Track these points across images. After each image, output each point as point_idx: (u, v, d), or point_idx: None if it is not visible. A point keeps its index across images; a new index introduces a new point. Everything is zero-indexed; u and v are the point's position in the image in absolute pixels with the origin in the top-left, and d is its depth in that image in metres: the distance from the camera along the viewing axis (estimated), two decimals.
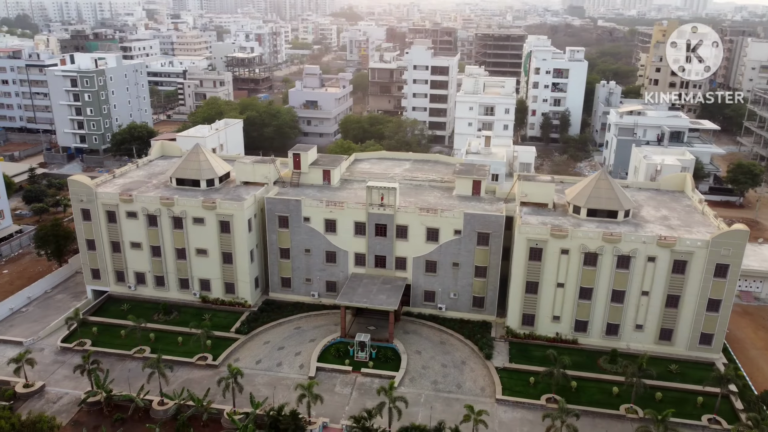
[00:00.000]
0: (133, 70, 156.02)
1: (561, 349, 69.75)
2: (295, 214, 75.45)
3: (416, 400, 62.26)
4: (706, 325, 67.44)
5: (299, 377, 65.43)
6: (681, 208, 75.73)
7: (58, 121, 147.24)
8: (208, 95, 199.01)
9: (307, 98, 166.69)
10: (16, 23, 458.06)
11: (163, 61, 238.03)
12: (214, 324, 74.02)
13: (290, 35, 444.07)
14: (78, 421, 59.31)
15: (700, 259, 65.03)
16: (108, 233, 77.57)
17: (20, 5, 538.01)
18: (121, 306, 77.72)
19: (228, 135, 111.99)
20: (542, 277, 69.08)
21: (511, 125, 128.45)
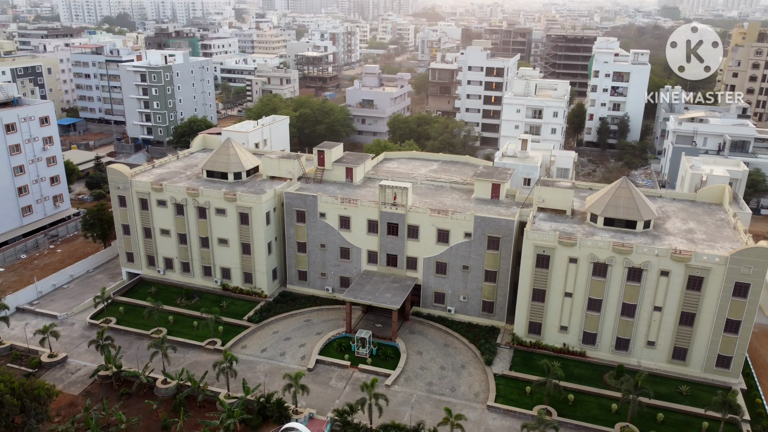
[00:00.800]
0: (199, 67, 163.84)
1: (568, 360, 67.99)
2: (311, 210, 77.32)
3: (407, 400, 62.48)
4: (724, 346, 63.42)
5: (299, 368, 67.17)
6: (712, 222, 71.47)
7: (128, 114, 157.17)
8: (273, 92, 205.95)
9: (363, 97, 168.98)
10: (117, 21, 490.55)
11: (237, 58, 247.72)
12: (230, 311, 77.30)
13: (368, 35, 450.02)
14: (89, 392, 63.77)
15: (717, 276, 61.28)
16: (141, 219, 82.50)
17: (122, 4, 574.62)
18: (150, 289, 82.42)
19: (273, 131, 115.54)
20: (549, 286, 67.32)
21: (559, 129, 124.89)
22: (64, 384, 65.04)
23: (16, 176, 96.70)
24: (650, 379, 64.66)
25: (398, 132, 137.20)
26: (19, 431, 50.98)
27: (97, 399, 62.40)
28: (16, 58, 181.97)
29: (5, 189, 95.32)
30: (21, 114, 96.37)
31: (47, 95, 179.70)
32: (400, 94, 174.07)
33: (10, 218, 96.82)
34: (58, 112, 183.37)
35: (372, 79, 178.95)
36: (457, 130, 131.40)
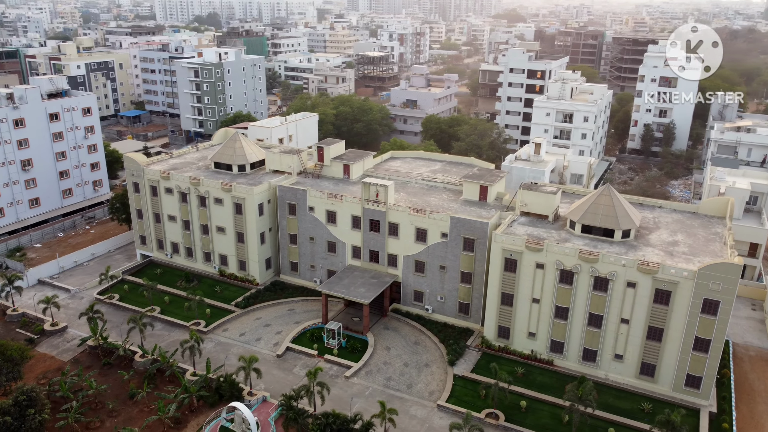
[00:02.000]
0: (251, 65, 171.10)
1: (534, 368, 67.11)
2: (301, 203, 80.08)
3: (361, 392, 63.90)
4: (693, 366, 60.46)
5: (269, 353, 70.12)
6: (704, 236, 68.04)
7: (182, 107, 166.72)
8: (328, 90, 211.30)
9: (408, 97, 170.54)
10: (206, 20, 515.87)
11: (301, 57, 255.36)
12: (223, 296, 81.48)
13: (443, 36, 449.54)
14: (77, 360, 69.54)
15: (685, 291, 58.59)
16: (152, 205, 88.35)
17: (212, 4, 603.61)
18: (156, 270, 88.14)
19: (299, 127, 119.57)
20: (517, 291, 66.58)
21: (590, 134, 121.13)
22: (58, 351, 71.28)
23: (58, 161, 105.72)
24: (616, 394, 63.10)
25: (429, 132, 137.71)
26: None
27: (84, 366, 67.99)
28: (93, 53, 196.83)
29: (48, 172, 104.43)
30: (64, 104, 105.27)
31: (117, 88, 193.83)
32: (444, 95, 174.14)
33: (51, 199, 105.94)
34: (127, 105, 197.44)
35: (419, 80, 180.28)
36: (494, 132, 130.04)
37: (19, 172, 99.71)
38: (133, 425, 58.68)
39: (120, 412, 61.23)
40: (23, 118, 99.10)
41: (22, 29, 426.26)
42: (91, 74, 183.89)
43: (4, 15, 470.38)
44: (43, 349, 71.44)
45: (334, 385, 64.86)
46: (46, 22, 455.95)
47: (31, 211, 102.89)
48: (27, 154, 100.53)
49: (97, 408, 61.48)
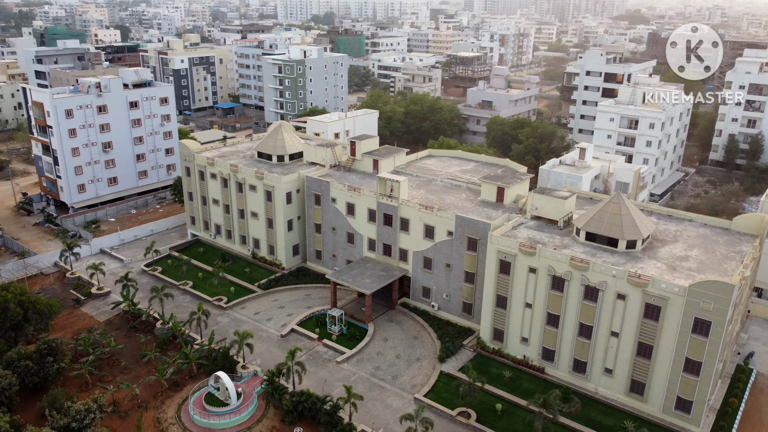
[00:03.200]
0: (333, 62, 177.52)
1: (524, 374, 66.15)
2: (325, 194, 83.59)
3: (347, 378, 66.26)
4: (683, 388, 56.98)
5: (274, 333, 74.35)
6: (723, 253, 63.54)
7: (266, 101, 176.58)
8: (413, 89, 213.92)
9: (483, 98, 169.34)
10: (323, 19, 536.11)
11: (396, 57, 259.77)
12: (251, 277, 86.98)
13: (553, 37, 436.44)
14: (110, 321, 77.62)
15: (676, 308, 55.41)
16: (200, 189, 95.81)
17: (329, 4, 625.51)
18: (199, 249, 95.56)
19: (358, 123, 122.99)
20: (511, 294, 65.83)
21: (655, 142, 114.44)
22: (97, 312, 79.90)
23: (135, 145, 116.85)
24: (603, 409, 61.02)
25: (492, 134, 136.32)
26: (20, 337, 65.48)
27: (113, 328, 76.02)
28: (198, 49, 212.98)
29: (126, 155, 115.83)
30: (144, 94, 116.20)
31: (217, 82, 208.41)
32: (522, 96, 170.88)
33: (128, 179, 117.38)
34: (224, 97, 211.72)
35: (499, 81, 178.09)
36: (556, 136, 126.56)
37: (100, 153, 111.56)
38: (137, 382, 65.03)
39: (131, 370, 67.90)
40: (106, 105, 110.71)
41: (156, 26, 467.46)
42: (192, 68, 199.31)
43: (144, 13, 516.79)
44: (86, 309, 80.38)
45: (324, 368, 67.94)
46: (178, 19, 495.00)
47: (109, 189, 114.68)
48: (108, 137, 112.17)
49: (112, 364, 68.64)
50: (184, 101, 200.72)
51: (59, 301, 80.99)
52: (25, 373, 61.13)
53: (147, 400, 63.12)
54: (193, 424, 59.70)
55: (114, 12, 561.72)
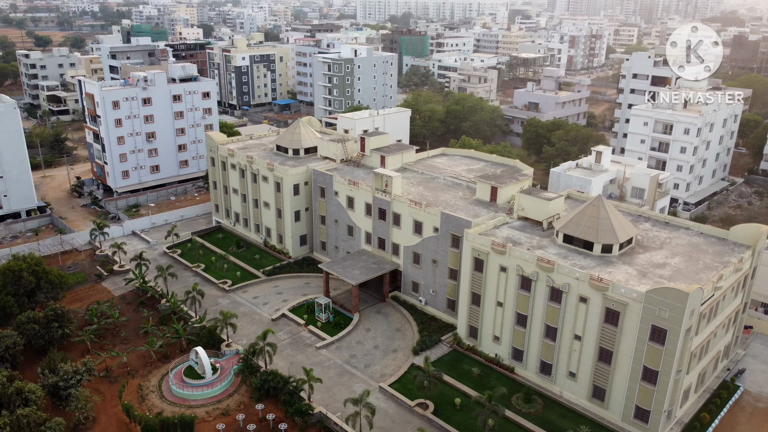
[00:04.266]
0: (382, 61, 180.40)
1: (494, 372, 66.47)
2: (329, 187, 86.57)
3: (321, 363, 68.90)
4: (641, 397, 55.64)
5: (266, 316, 78.12)
6: (707, 262, 61.24)
7: (316, 97, 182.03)
8: (468, 90, 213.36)
9: (529, 99, 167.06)
10: (400, 20, 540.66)
11: (457, 57, 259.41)
12: (260, 264, 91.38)
13: (634, 39, 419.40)
14: (124, 296, 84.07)
15: (634, 314, 54.29)
16: (222, 178, 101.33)
17: (408, 4, 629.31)
18: (219, 235, 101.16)
19: (387, 120, 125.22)
20: (484, 292, 66.20)
21: (690, 148, 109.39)
22: (114, 287, 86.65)
23: (177, 136, 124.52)
24: (564, 413, 60.57)
25: (526, 135, 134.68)
26: (32, 303, 72.53)
27: (126, 302, 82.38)
28: (261, 47, 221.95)
29: (168, 145, 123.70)
30: (186, 88, 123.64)
31: (276, 79, 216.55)
32: (571, 99, 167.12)
33: (170, 168, 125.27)
34: (283, 94, 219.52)
35: (549, 83, 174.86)
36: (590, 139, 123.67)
37: (144, 142, 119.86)
38: (133, 352, 70.50)
39: (129, 341, 73.58)
40: (150, 98, 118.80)
41: (239, 25, 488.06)
42: (253, 65, 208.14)
43: (228, 12, 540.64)
44: (106, 284, 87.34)
45: (303, 352, 70.98)
46: (260, 19, 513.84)
47: (151, 176, 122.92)
48: (152, 127, 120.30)
49: (114, 334, 74.63)
50: (244, 97, 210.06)
51: (84, 274, 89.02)
52: (32, 336, 67.85)
53: (137, 369, 68.39)
54: (170, 394, 64.23)
55: (203, 12, 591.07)
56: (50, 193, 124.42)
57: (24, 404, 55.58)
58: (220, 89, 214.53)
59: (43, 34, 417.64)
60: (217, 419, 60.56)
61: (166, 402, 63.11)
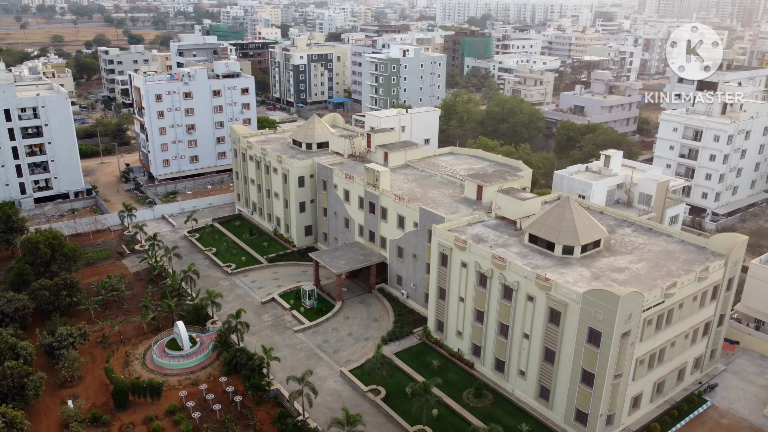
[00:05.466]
0: (430, 62, 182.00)
1: (454, 366, 67.51)
2: (330, 180, 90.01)
3: (294, 345, 72.49)
4: (580, 399, 55.27)
5: (257, 299, 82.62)
6: (672, 269, 59.67)
7: (363, 96, 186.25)
8: (522, 92, 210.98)
9: (575, 103, 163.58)
10: (478, 22, 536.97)
11: (519, 59, 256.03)
12: (266, 251, 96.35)
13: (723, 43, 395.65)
14: (138, 273, 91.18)
15: (573, 315, 54.12)
16: (243, 169, 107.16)
17: (488, 6, 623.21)
18: (236, 222, 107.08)
19: (415, 119, 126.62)
20: (448, 287, 67.40)
21: (720, 156, 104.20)
22: (132, 264, 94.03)
23: (216, 129, 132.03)
24: (512, 410, 61.06)
25: (558, 138, 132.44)
26: (47, 273, 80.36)
27: (138, 278, 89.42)
28: (321, 46, 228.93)
29: (208, 137, 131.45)
30: (226, 84, 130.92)
31: (333, 78, 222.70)
32: (618, 103, 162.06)
33: (209, 158, 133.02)
34: (340, 93, 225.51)
35: (599, 86, 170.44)
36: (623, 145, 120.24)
37: (184, 133, 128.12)
38: (129, 323, 76.92)
39: (131, 312, 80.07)
40: (191, 92, 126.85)
41: (318, 26, 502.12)
42: (311, 64, 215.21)
43: (308, 13, 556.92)
44: (125, 262, 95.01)
45: (281, 334, 74.89)
46: (340, 20, 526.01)
47: (191, 166, 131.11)
48: (192, 120, 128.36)
49: (118, 306, 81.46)
50: (300, 94, 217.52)
51: (108, 251, 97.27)
52: (42, 301, 75.59)
53: (129, 338, 74.64)
54: (151, 362, 69.79)
55: (288, 12, 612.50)
56: (102, 178, 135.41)
57: (15, 358, 62.48)
58: (280, 87, 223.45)
59: (137, 32, 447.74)
60: (185, 388, 65.39)
61: (146, 369, 68.68)
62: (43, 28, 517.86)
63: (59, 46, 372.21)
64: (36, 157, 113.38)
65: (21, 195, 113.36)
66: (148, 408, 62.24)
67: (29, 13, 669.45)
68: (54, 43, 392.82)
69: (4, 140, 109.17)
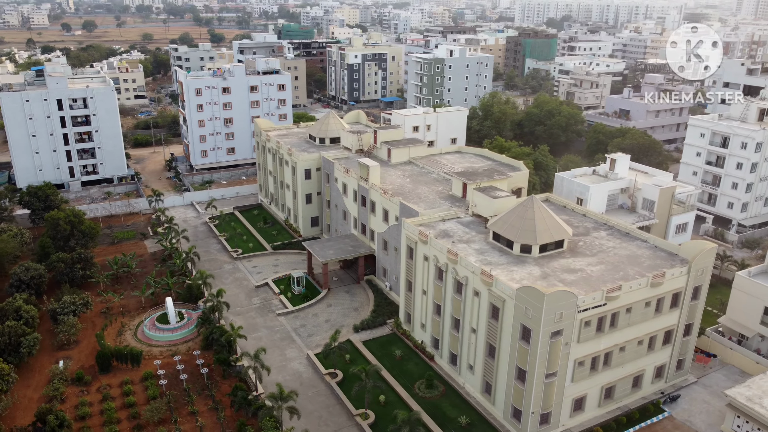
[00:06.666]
0: (476, 62, 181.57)
1: (417, 358, 69.12)
2: (332, 174, 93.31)
3: (273, 326, 76.37)
4: (515, 396, 55.60)
5: (252, 283, 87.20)
6: (630, 273, 58.66)
7: (408, 95, 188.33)
8: (576, 94, 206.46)
9: (620, 106, 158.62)
10: (556, 23, 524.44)
11: (578, 61, 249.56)
12: (276, 238, 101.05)
13: None
14: (154, 253, 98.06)
15: (510, 311, 54.60)
16: (262, 161, 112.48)
17: (569, 7, 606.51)
18: (254, 211, 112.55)
19: (442, 119, 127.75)
20: (414, 279, 68.98)
21: (747, 164, 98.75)
22: (151, 245, 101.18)
23: (252, 123, 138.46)
24: (459, 403, 62.01)
25: (588, 141, 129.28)
26: (67, 248, 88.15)
27: (154, 258, 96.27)
28: (376, 46, 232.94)
29: (244, 131, 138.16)
30: (263, 80, 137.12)
31: (387, 77, 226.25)
32: (667, 107, 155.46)
33: (245, 151, 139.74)
34: (393, 92, 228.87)
35: (649, 89, 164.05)
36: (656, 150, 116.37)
37: (221, 126, 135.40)
38: (132, 297, 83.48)
39: (138, 288, 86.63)
40: (229, 87, 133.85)
41: (393, 27, 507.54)
42: (365, 63, 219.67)
43: (384, 14, 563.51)
44: (147, 242, 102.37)
45: (264, 316, 79.02)
46: (416, 21, 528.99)
47: (227, 157, 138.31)
48: (229, 113, 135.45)
49: (127, 281, 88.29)
50: (354, 93, 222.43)
51: (135, 232, 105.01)
52: (58, 272, 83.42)
53: (129, 311, 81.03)
54: (142, 333, 75.63)
55: (367, 13, 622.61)
56: (150, 166, 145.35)
57: (18, 320, 69.78)
58: (335, 85, 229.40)
59: (219, 31, 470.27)
60: (165, 358, 70.60)
61: (136, 339, 74.55)
62: (138, 26, 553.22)
63: (147, 43, 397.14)
64: (84, 144, 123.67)
65: (70, 178, 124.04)
66: (127, 373, 67.78)
67: (128, 13, 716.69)
68: (143, 41, 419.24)
69: (57, 127, 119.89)
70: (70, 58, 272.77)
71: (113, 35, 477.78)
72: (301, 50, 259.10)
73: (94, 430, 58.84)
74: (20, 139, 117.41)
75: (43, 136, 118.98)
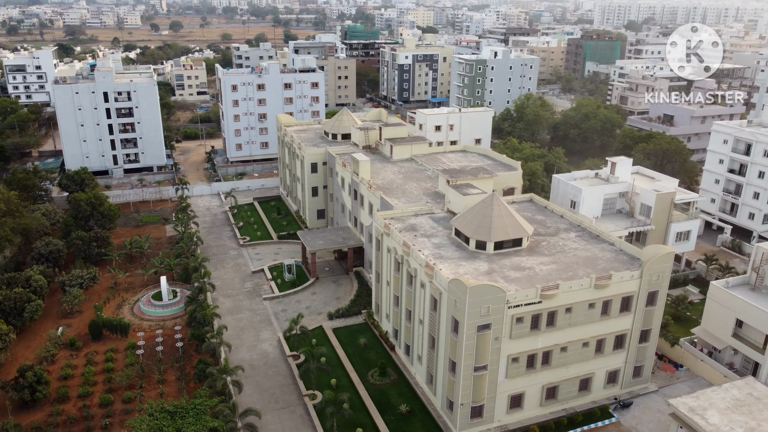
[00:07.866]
0: (520, 64, 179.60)
1: (379, 348, 70.99)
2: (334, 168, 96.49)
3: (256, 309, 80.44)
4: (449, 387, 56.55)
5: (250, 268, 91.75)
6: (580, 274, 58.30)
7: (451, 96, 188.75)
8: (629, 98, 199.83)
9: (664, 111, 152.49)
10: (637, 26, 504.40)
11: (639, 65, 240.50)
12: (285, 228, 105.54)
13: None
14: (171, 237, 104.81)
15: (444, 303, 55.70)
16: (282, 154, 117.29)
17: (652, 9, 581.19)
18: (271, 203, 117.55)
19: (465, 119, 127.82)
20: (381, 271, 70.88)
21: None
22: (170, 229, 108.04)
23: None
24: (407, 393, 63.49)
25: (617, 146, 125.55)
26: (87, 228, 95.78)
27: (172, 241, 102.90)
28: (428, 47, 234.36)
29: (276, 127, 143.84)
30: (297, 78, 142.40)
31: (438, 78, 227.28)
32: (714, 113, 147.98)
33: (276, 145, 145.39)
34: (443, 92, 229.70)
35: (698, 94, 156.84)
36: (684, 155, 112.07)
37: (256, 121, 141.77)
38: (137, 275, 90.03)
39: (146, 266, 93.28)
40: (264, 84, 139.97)
41: (465, 29, 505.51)
42: (415, 63, 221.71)
43: (456, 16, 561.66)
44: (167, 227, 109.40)
45: (251, 299, 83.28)
46: (489, 23, 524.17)
47: (261, 151, 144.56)
48: (263, 109, 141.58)
49: (139, 261, 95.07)
50: (404, 93, 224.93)
51: (159, 217, 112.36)
52: (76, 249, 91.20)
53: (133, 287, 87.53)
54: (138, 308, 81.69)
55: (442, 15, 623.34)
56: (192, 157, 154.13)
57: (26, 287, 77.30)
58: (386, 84, 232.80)
59: (294, 32, 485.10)
60: (151, 332, 76.10)
61: (132, 313, 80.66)
62: (221, 27, 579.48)
63: (225, 43, 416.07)
64: (127, 134, 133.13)
65: (114, 165, 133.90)
66: (115, 342, 73.69)
67: (215, 14, 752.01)
68: (222, 40, 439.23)
69: (102, 118, 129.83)
70: (145, 56, 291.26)
71: (196, 35, 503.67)
72: (360, 51, 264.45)
73: (70, 388, 64.71)
74: (70, 128, 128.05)
75: (90, 125, 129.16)
